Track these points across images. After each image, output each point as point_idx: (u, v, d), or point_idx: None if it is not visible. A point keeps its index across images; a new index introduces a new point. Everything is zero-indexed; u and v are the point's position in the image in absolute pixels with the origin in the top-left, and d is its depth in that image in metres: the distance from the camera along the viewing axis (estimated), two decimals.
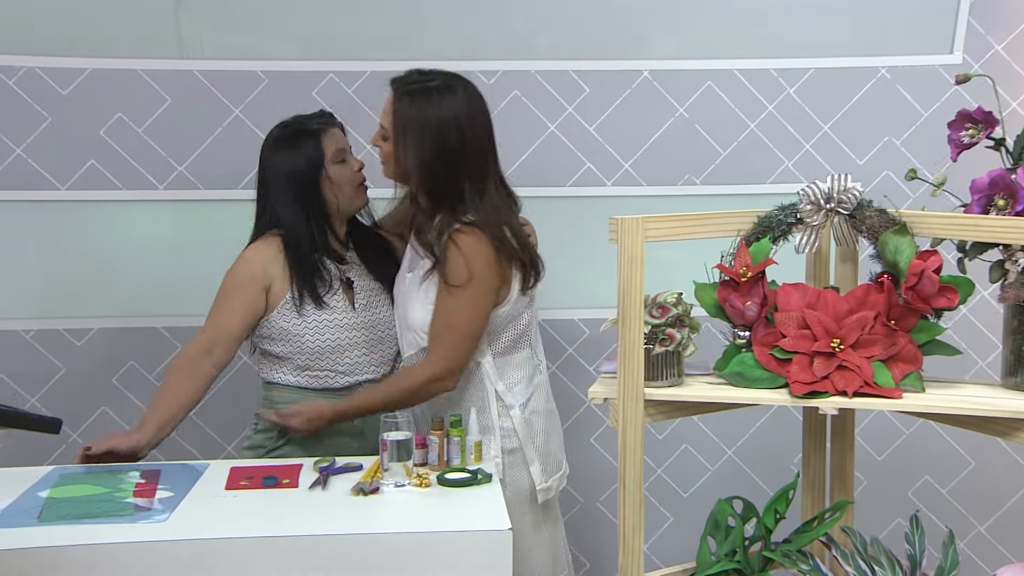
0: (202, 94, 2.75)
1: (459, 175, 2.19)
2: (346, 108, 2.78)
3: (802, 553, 2.07)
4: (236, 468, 2.17)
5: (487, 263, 2.18)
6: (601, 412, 2.94)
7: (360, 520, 1.91)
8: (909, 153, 2.91)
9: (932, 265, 1.99)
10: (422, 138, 2.18)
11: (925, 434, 3.00)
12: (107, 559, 1.79)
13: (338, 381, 2.36)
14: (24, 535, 1.83)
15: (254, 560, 1.82)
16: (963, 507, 3.03)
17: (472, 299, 2.18)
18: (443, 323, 2.20)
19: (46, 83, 2.72)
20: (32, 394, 2.80)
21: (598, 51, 2.82)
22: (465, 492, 2.03)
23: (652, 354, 2.02)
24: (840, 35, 2.87)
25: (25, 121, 2.72)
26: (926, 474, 3.03)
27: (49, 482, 2.09)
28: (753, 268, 2.05)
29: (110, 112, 2.74)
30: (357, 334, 2.36)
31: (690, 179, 2.89)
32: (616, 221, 1.98)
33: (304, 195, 2.32)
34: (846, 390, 1.99)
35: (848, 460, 2.26)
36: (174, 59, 2.75)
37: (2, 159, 2.73)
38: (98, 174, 2.75)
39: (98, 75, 2.73)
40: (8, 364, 2.79)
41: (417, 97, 2.20)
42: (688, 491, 3.00)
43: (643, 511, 2.04)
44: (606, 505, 2.99)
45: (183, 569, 1.81)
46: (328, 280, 2.34)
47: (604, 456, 2.97)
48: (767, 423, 2.98)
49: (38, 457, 2.76)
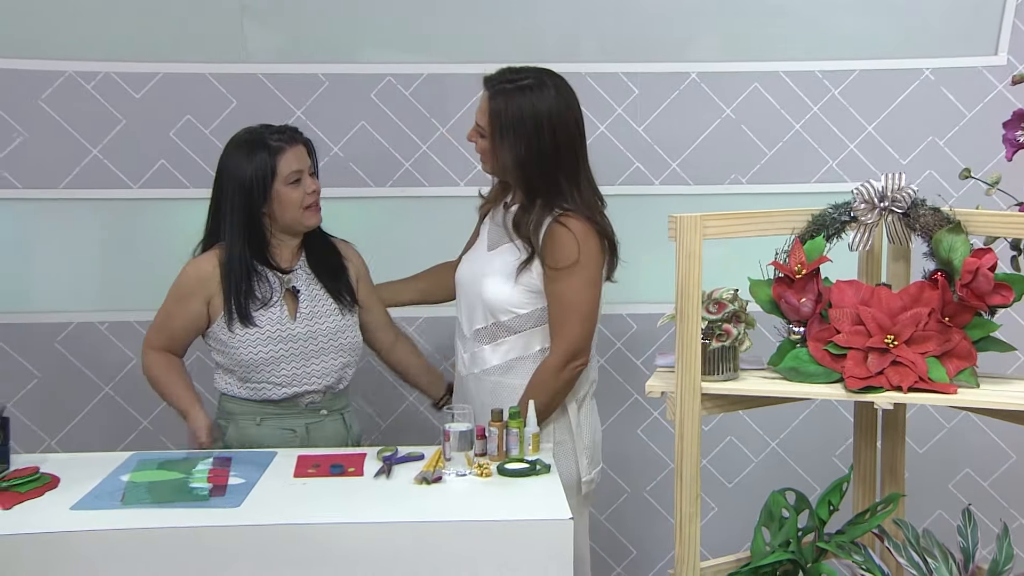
0: (266, 96, 2.74)
1: (554, 169, 2.18)
2: (403, 109, 2.76)
3: (855, 544, 2.01)
4: (303, 456, 2.15)
5: (594, 245, 2.18)
6: (648, 404, 2.90)
7: (424, 508, 1.89)
8: (953, 153, 2.84)
9: (987, 263, 1.94)
10: (517, 136, 2.16)
11: (966, 428, 2.93)
12: (185, 542, 1.79)
13: (276, 392, 2.27)
14: (109, 517, 1.84)
15: (323, 545, 1.80)
16: (1004, 499, 2.96)
17: (584, 279, 2.18)
18: (560, 308, 2.19)
19: (121, 87, 2.72)
20: (106, 383, 2.81)
21: (647, 53, 2.77)
22: (525, 482, 2.00)
23: (708, 349, 1.98)
24: (885, 37, 2.80)
25: (101, 123, 2.72)
26: (967, 467, 2.96)
27: (129, 467, 2.09)
28: (808, 265, 2.01)
29: (179, 114, 2.73)
30: (293, 346, 2.25)
31: (736, 178, 2.84)
32: (675, 219, 1.94)
33: (248, 207, 2.21)
34: (901, 385, 1.93)
35: (899, 454, 2.20)
36: (239, 63, 2.73)
37: (80, 160, 2.73)
38: (168, 173, 2.75)
39: (168, 79, 2.72)
40: (85, 354, 2.79)
41: (511, 96, 2.17)
42: (733, 482, 2.95)
43: (699, 502, 2.00)
44: (652, 495, 2.95)
45: (256, 553, 1.80)
46: (264, 295, 2.24)
47: (651, 447, 2.93)
48: (810, 416, 2.92)
49: (112, 442, 2.78)
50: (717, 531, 2.86)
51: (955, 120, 2.83)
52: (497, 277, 2.23)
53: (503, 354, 2.26)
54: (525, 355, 2.25)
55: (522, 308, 2.23)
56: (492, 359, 2.26)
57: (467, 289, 2.31)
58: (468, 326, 2.30)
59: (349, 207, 2.76)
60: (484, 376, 2.28)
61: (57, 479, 2.00)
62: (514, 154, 2.17)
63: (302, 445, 2.28)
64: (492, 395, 2.26)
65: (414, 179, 2.79)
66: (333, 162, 2.76)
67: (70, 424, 2.81)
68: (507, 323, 2.24)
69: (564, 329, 2.19)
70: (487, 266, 2.27)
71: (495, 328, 2.25)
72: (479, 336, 2.27)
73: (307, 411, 2.31)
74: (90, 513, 1.85)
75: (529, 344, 2.25)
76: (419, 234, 2.76)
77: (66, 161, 2.72)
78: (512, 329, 2.24)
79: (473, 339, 2.29)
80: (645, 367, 2.88)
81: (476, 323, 2.27)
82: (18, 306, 2.76)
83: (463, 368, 2.33)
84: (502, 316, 2.24)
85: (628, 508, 2.94)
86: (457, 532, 1.81)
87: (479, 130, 2.23)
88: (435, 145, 2.79)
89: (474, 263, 2.32)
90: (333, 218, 2.66)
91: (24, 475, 1.98)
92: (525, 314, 2.23)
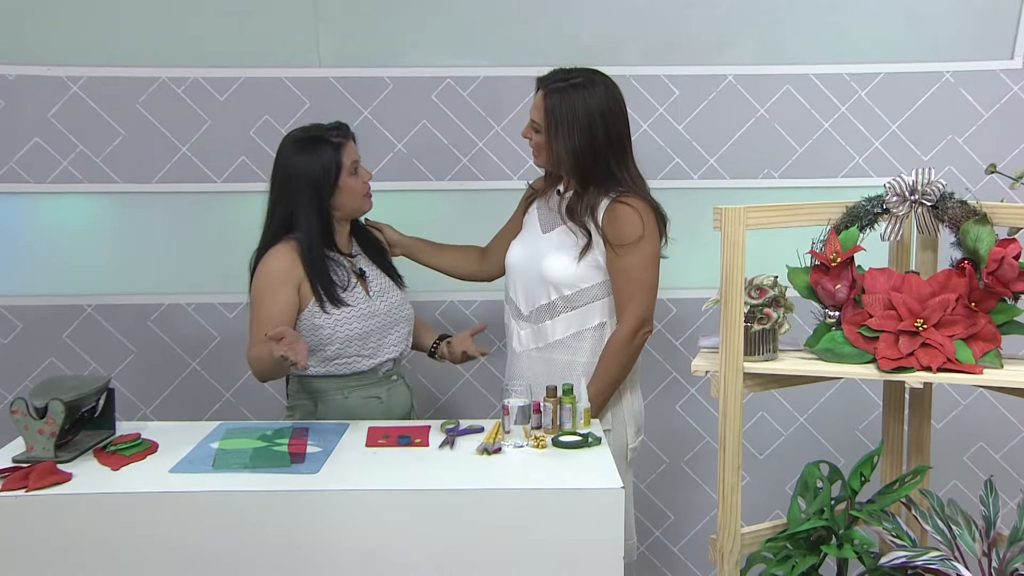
0: (335, 98, 2.72)
1: (606, 158, 2.17)
2: (461, 109, 2.74)
3: (885, 512, 1.97)
4: (373, 428, 2.14)
5: (653, 220, 2.17)
6: (686, 382, 2.86)
7: (486, 476, 1.87)
8: (971, 151, 2.77)
9: (1012, 252, 1.88)
10: (571, 129, 2.14)
11: (981, 405, 2.87)
12: (269, 503, 1.79)
13: (364, 364, 2.26)
14: (203, 480, 1.85)
15: (393, 510, 1.79)
16: (1015, 471, 2.89)
17: (649, 253, 2.17)
18: (628, 281, 2.17)
19: (207, 91, 2.72)
20: (193, 358, 2.82)
21: (687, 57, 2.73)
22: (578, 453, 1.97)
23: (750, 332, 1.93)
24: (908, 42, 2.74)
25: (190, 124, 2.73)
26: (981, 441, 2.89)
27: (218, 435, 2.09)
28: (843, 254, 1.96)
29: (259, 115, 2.73)
30: (376, 320, 2.25)
31: (768, 173, 2.79)
32: (720, 211, 1.89)
33: (320, 200, 2.19)
34: (930, 366, 1.88)
35: (925, 429, 2.14)
36: (312, 68, 2.72)
37: (171, 157, 2.74)
38: (248, 169, 2.75)
39: (249, 83, 2.72)
40: (174, 332, 2.81)
41: (564, 93, 2.16)
42: (764, 453, 2.90)
43: (740, 473, 1.96)
44: (689, 465, 2.92)
45: (333, 515, 1.79)
46: (344, 277, 2.23)
47: (688, 422, 2.89)
48: (836, 394, 2.87)
49: (199, 412, 2.80)
50: (749, 500, 2.79)
51: (973, 120, 2.76)
52: (559, 255, 2.21)
53: (565, 327, 2.23)
54: (585, 328, 2.23)
55: (585, 283, 2.21)
56: (556, 332, 2.24)
57: (524, 269, 2.28)
58: (527, 305, 2.27)
59: (411, 199, 2.77)
60: (544, 352, 2.25)
61: (156, 444, 2.02)
62: (569, 146, 2.15)
63: (386, 411, 2.28)
64: (545, 372, 2.24)
65: (471, 173, 2.77)
66: (397, 158, 2.75)
67: (162, 395, 2.83)
68: (571, 297, 2.21)
69: (633, 301, 2.17)
70: (545, 246, 2.24)
71: (560, 302, 2.22)
72: (542, 312, 2.25)
73: (384, 379, 2.30)
74: (186, 476, 1.86)
75: (589, 317, 2.23)
76: (475, 224, 2.72)
77: (159, 158, 2.74)
78: (575, 303, 2.22)
79: (535, 316, 2.26)
80: (684, 348, 2.84)
81: (539, 300, 2.24)
82: (117, 289, 2.79)
83: (518, 345, 2.30)
84: (566, 291, 2.21)
85: (666, 478, 2.91)
86: (516, 499, 1.80)
87: (534, 126, 2.21)
88: (490, 142, 2.76)
89: (528, 246, 2.29)
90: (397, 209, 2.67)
91: (128, 440, 2.00)
92: (587, 288, 2.21)
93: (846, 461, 2.71)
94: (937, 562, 1.84)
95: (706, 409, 2.88)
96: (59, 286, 2.77)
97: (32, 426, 1.91)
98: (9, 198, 2.72)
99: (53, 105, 2.69)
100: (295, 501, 1.79)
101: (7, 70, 2.67)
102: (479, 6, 2.69)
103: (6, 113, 2.69)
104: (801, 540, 1.96)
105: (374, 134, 2.71)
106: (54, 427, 1.91)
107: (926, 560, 1.85)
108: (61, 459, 1.91)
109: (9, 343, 2.79)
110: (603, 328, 2.23)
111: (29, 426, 1.91)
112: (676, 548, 2.95)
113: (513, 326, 2.32)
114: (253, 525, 1.78)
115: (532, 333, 2.27)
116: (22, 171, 2.71)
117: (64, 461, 1.91)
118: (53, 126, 2.70)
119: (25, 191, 2.71)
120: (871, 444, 2.85)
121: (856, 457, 2.45)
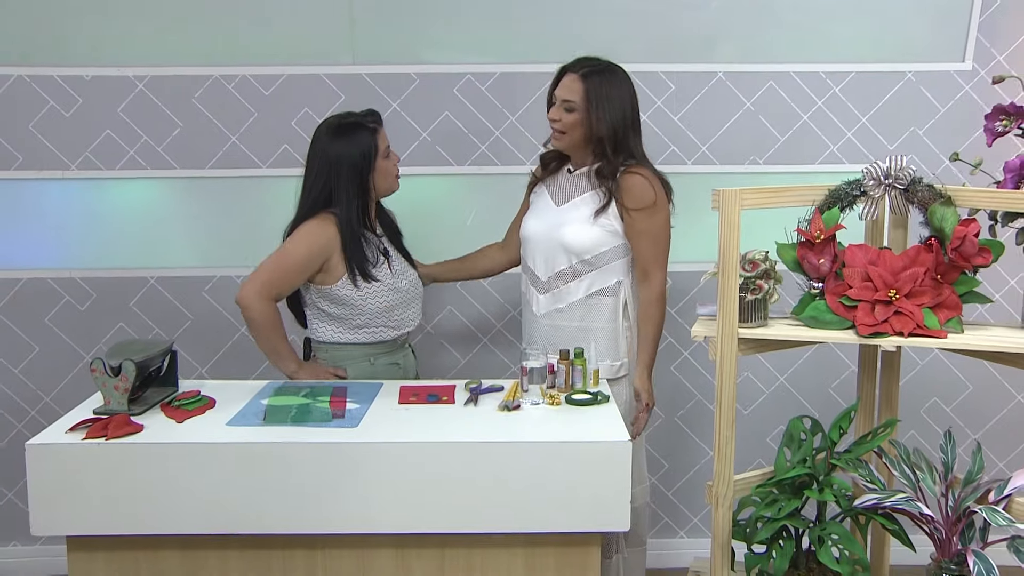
0: (368, 92, 2.65)
1: (637, 133, 2.15)
2: (480, 102, 2.66)
3: (859, 460, 1.92)
4: (404, 387, 2.09)
5: (661, 189, 2.14)
6: (680, 346, 2.81)
7: (507, 430, 1.82)
8: (930, 141, 2.72)
9: (973, 230, 1.82)
10: (611, 107, 2.10)
11: (935, 366, 2.84)
12: (314, 454, 1.75)
13: (389, 335, 2.21)
14: (255, 432, 1.81)
15: (425, 460, 1.75)
16: (962, 422, 2.86)
17: (664, 216, 2.15)
18: (651, 243, 2.14)
19: (254, 86, 2.65)
20: (242, 324, 2.72)
21: (682, 56, 2.67)
22: (589, 410, 1.93)
23: (744, 301, 1.87)
24: (876, 45, 2.68)
25: (238, 116, 2.66)
26: (934, 396, 2.86)
27: (267, 393, 2.05)
28: (825, 232, 1.89)
29: (299, 107, 2.66)
30: (400, 295, 2.20)
31: (754, 160, 2.72)
32: (718, 192, 1.82)
33: (357, 182, 2.12)
34: (902, 331, 1.82)
35: (894, 387, 2.09)
36: (347, 65, 2.64)
37: (222, 145, 2.68)
38: (289, 156, 2.68)
39: (291, 79, 2.65)
40: (225, 301, 2.76)
41: (602, 74, 2.11)
42: (748, 409, 2.86)
43: (735, 426, 1.91)
44: (681, 420, 2.87)
45: (372, 465, 1.76)
46: (373, 256, 2.17)
47: (682, 381, 2.85)
48: (811, 356, 2.82)
49: (247, 372, 2.75)
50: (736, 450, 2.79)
51: (931, 114, 2.71)
52: (577, 224, 2.15)
53: (587, 287, 2.18)
54: (605, 286, 2.18)
55: (603, 246, 2.15)
56: (578, 292, 2.18)
57: (542, 239, 2.20)
58: (546, 271, 2.20)
59: (435, 182, 2.70)
60: (564, 312, 2.19)
61: (214, 400, 1.97)
62: (609, 121, 2.10)
63: (404, 375, 2.24)
64: (560, 336, 2.19)
65: (488, 159, 2.70)
66: (422, 145, 2.68)
67: (215, 357, 2.78)
68: (591, 260, 2.16)
69: (658, 261, 2.15)
70: (562, 217, 2.18)
71: (580, 266, 2.17)
72: (562, 276, 2.18)
73: (401, 347, 2.26)
74: (241, 429, 1.82)
75: (607, 277, 2.17)
76: (492, 204, 2.68)
77: (212, 146, 2.67)
78: (594, 265, 2.16)
79: (554, 280, 2.19)
80: (679, 316, 2.79)
81: (558, 266, 2.18)
82: (176, 263, 2.74)
83: (538, 310, 2.24)
84: (586, 255, 2.16)
85: (661, 431, 2.87)
86: (533, 451, 1.75)
87: (567, 105, 2.12)
88: (506, 131, 2.69)
89: (543, 218, 2.22)
90: (421, 190, 2.60)
91: (189, 396, 1.96)
92: (605, 251, 2.16)
93: (820, 415, 2.68)
94: (903, 503, 1.80)
95: (698, 370, 2.83)
96: (127, 260, 2.73)
97: (108, 383, 1.89)
98: (84, 183, 2.69)
99: (122, 101, 2.65)
100: (337, 452, 1.75)
101: (83, 71, 2.63)
102: (496, 10, 2.62)
103: (82, 109, 2.64)
104: (786, 486, 1.92)
105: (402, 124, 2.65)
106: (127, 384, 1.88)
107: (894, 501, 1.81)
108: (134, 412, 1.89)
109: (85, 311, 2.75)
110: (619, 286, 2.18)
111: (106, 383, 1.89)
112: (670, 493, 2.91)
113: (533, 292, 2.26)
114: (300, 474, 1.74)
115: (551, 297, 2.21)
116: (96, 159, 2.67)
117: (136, 414, 1.89)
118: (121, 119, 2.65)
119: (98, 177, 2.68)
120: (842, 401, 2.81)
121: (829, 412, 2.40)
